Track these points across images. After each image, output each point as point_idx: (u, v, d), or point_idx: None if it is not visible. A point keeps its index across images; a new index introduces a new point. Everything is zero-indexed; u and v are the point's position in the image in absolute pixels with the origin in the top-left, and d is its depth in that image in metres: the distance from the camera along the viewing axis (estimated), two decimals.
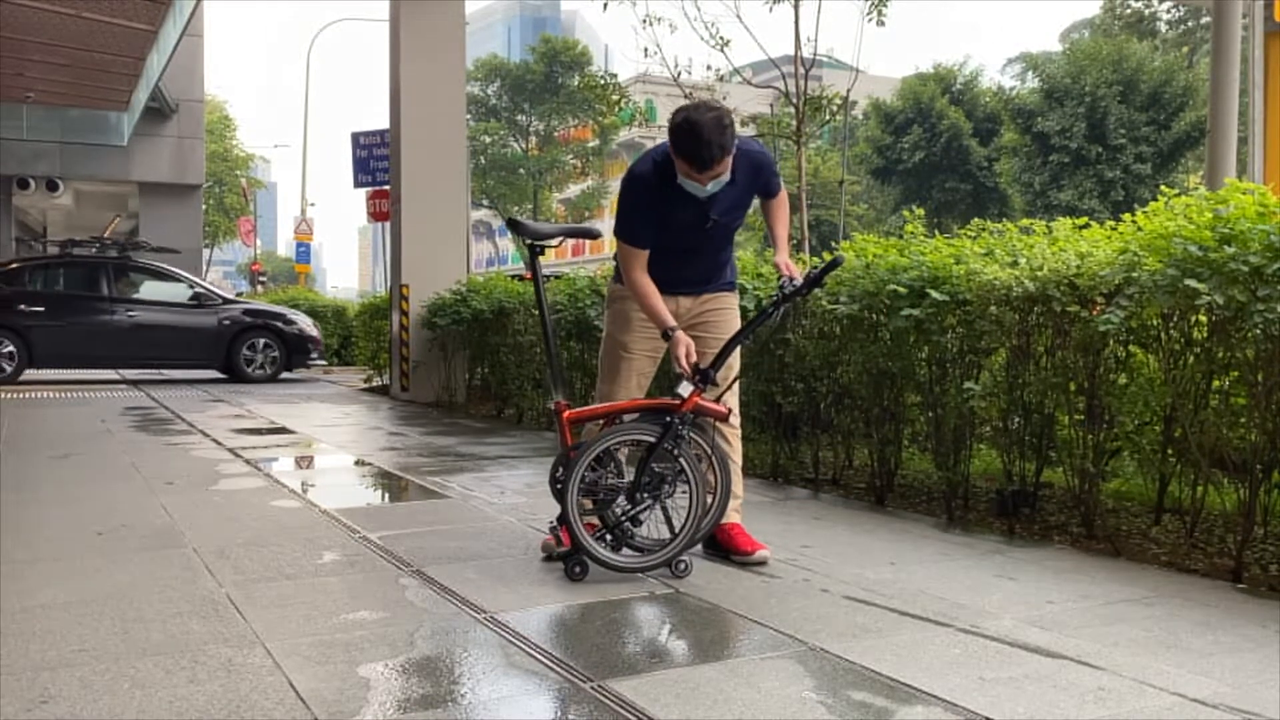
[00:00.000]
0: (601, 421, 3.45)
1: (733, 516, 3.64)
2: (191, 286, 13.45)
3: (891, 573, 3.41)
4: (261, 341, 12.99)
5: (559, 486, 3.30)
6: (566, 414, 3.41)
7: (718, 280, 3.70)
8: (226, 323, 12.99)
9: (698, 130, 3.24)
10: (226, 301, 13.57)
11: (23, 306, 12.21)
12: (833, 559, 3.62)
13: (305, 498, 4.91)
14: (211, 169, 34.59)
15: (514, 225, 3.63)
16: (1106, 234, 3.97)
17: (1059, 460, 4.11)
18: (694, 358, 3.31)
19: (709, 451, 3.36)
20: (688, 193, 3.39)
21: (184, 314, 12.93)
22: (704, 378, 3.30)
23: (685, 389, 3.28)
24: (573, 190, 45.11)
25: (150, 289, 13.29)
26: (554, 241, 3.73)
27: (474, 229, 42.89)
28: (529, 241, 3.56)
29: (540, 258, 3.60)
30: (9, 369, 11.95)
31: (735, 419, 3.66)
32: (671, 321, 3.40)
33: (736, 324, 3.70)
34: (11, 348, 11.94)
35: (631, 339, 3.65)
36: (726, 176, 3.35)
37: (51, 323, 12.28)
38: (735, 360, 3.61)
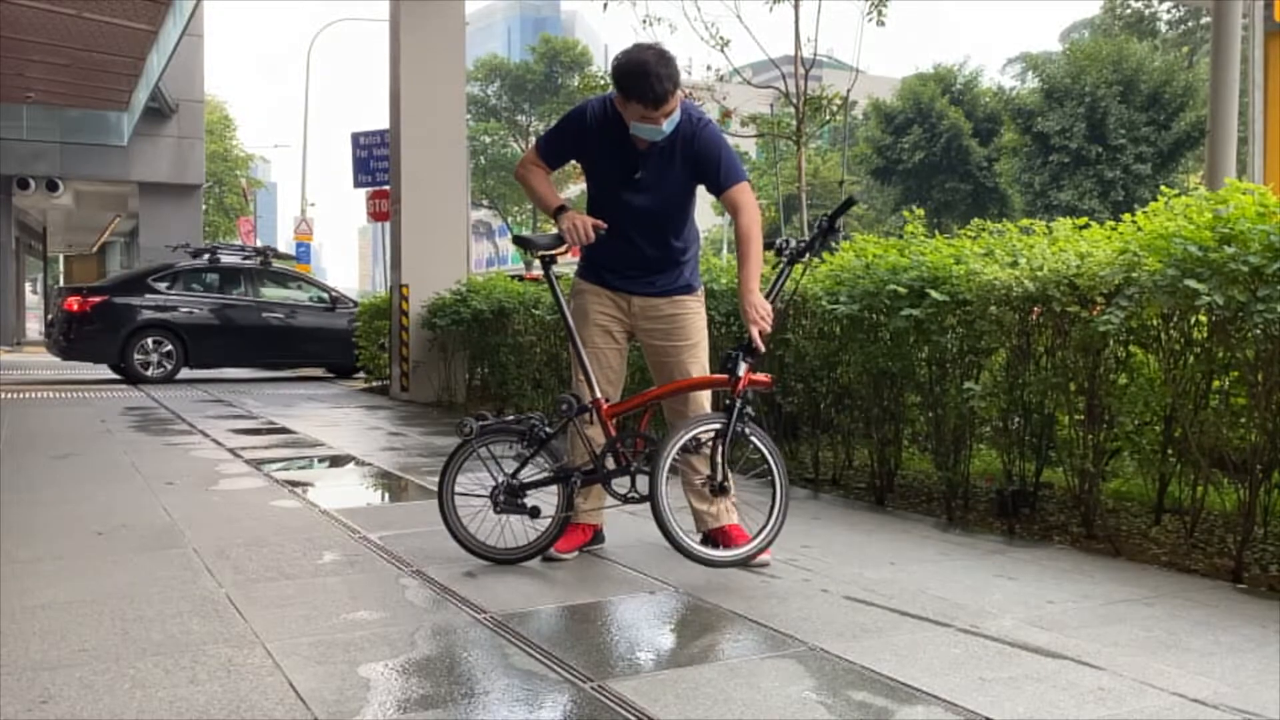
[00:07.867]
0: (642, 410, 3.56)
1: (730, 517, 3.63)
2: (326, 290, 14.04)
3: (891, 573, 3.41)
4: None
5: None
6: (606, 409, 3.48)
7: (675, 280, 3.63)
8: (356, 324, 13.25)
9: (644, 67, 3.28)
10: (355, 304, 13.91)
11: (179, 309, 12.60)
12: (833, 559, 3.62)
13: (305, 498, 4.91)
14: (211, 169, 34.58)
15: (521, 242, 3.61)
16: (1106, 234, 3.97)
17: (1059, 460, 4.11)
18: (590, 236, 3.39)
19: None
20: (618, 143, 3.43)
21: (322, 316, 13.46)
22: (753, 353, 3.33)
23: (740, 368, 3.30)
24: (573, 190, 44.97)
25: (291, 293, 13.79)
26: (562, 248, 3.69)
27: (474, 229, 42.90)
28: (539, 254, 3.54)
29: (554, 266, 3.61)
30: (168, 367, 12.39)
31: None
32: (559, 202, 3.48)
33: (702, 327, 3.68)
34: (170, 348, 12.41)
35: (589, 333, 3.63)
36: (678, 115, 3.38)
37: (205, 325, 12.69)
38: (704, 357, 3.64)
